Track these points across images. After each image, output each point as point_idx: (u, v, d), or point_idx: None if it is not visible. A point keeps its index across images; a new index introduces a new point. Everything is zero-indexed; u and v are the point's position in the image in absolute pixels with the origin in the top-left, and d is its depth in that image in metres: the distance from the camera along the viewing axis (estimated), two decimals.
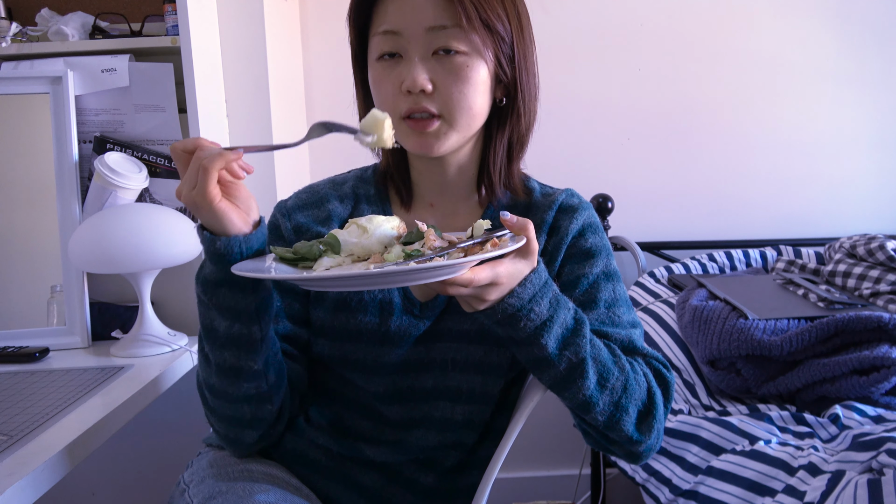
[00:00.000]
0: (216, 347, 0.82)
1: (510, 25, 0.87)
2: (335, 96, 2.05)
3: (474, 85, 0.86)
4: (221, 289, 0.78)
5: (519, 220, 0.74)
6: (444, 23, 0.83)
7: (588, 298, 0.91)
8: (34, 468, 0.89)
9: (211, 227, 0.76)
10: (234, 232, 0.75)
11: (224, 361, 0.82)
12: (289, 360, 0.94)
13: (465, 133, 0.89)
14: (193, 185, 0.72)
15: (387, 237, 0.76)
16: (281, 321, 0.94)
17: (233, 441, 0.92)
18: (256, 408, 0.86)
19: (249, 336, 0.80)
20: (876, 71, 2.11)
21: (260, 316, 0.81)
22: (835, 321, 1.46)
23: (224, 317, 0.80)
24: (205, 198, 0.72)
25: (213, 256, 0.76)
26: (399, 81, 0.86)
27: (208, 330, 0.82)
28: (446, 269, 0.66)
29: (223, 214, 0.74)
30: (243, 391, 0.84)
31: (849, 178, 2.15)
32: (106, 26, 1.57)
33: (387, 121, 0.76)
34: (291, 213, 0.97)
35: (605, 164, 2.11)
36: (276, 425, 0.93)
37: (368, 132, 0.77)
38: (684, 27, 2.07)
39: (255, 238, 0.78)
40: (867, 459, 1.12)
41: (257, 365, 0.83)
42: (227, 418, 0.88)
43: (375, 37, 0.88)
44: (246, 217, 0.77)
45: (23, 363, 1.37)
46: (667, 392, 0.88)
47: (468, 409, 0.94)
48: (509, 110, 0.93)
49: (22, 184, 1.53)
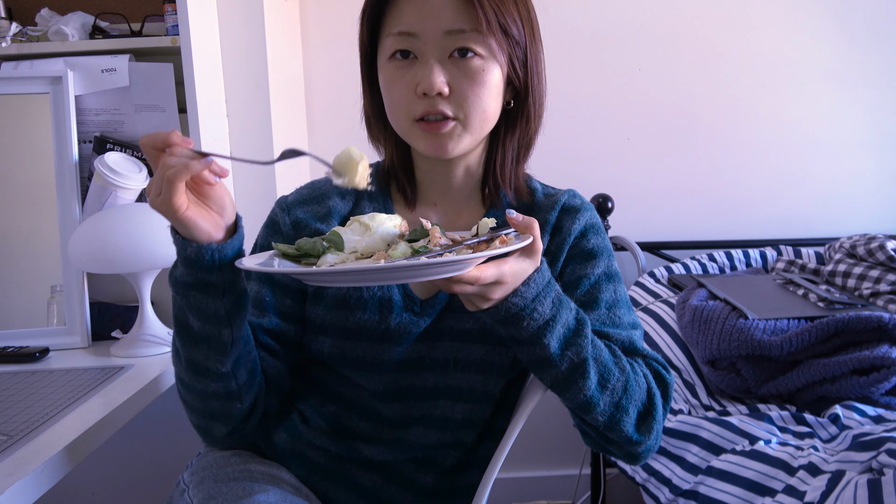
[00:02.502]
0: (187, 344, 0.81)
1: (524, 29, 0.88)
2: (335, 96, 2.05)
3: (489, 88, 0.86)
4: (192, 291, 0.77)
5: (525, 219, 0.74)
6: (462, 26, 0.83)
7: (589, 299, 0.91)
8: (34, 468, 0.89)
9: (181, 233, 0.75)
10: (203, 239, 0.74)
11: (193, 359, 0.82)
12: (272, 357, 0.93)
13: (477, 136, 0.89)
14: (159, 193, 0.70)
15: (389, 235, 0.76)
16: (269, 316, 0.93)
17: (204, 431, 0.92)
18: (225, 405, 0.86)
19: (219, 338, 0.79)
20: (876, 71, 2.11)
21: (231, 320, 0.79)
22: (835, 321, 1.46)
23: (196, 317, 0.79)
24: (170, 208, 0.70)
25: (185, 261, 0.75)
26: (414, 83, 0.85)
27: (181, 325, 0.81)
28: (457, 264, 0.66)
29: (191, 223, 0.72)
30: (211, 389, 0.84)
31: (849, 178, 2.15)
32: (106, 26, 1.57)
33: (362, 163, 0.75)
34: (291, 208, 0.97)
35: (605, 164, 2.11)
36: (248, 421, 0.92)
37: (341, 173, 0.75)
38: (684, 27, 2.07)
39: (230, 246, 0.76)
40: (867, 459, 1.12)
41: (225, 367, 0.82)
42: (198, 410, 0.88)
43: (389, 37, 0.87)
44: (218, 221, 0.75)
45: (23, 363, 1.37)
46: (666, 393, 0.88)
47: (468, 409, 0.94)
48: (518, 113, 0.93)
49: (22, 184, 1.53)
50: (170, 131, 0.72)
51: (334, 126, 2.07)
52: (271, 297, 0.93)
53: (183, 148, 0.71)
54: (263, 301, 0.93)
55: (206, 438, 0.94)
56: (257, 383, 0.89)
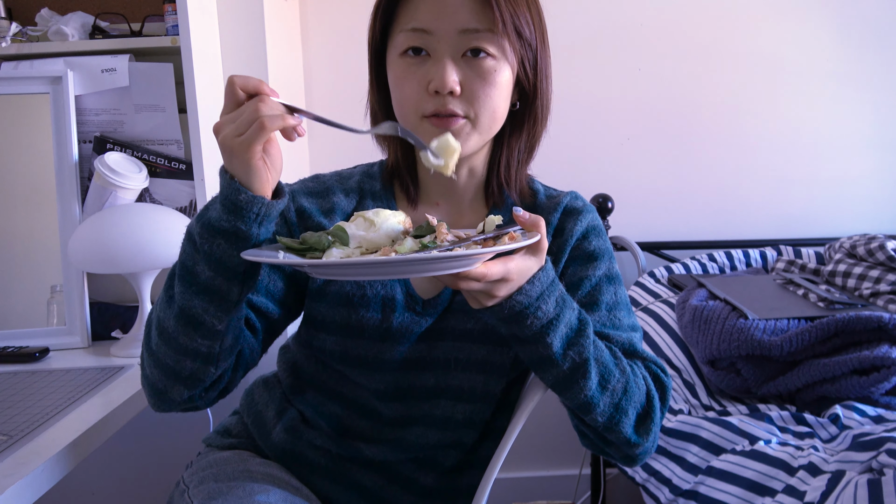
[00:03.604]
0: (188, 292, 0.78)
1: (536, 32, 0.88)
2: (335, 96, 2.05)
3: (499, 89, 0.86)
4: (219, 238, 0.74)
5: (532, 217, 0.74)
6: (477, 26, 0.83)
7: (590, 301, 0.91)
8: (34, 468, 0.89)
9: (237, 177, 0.72)
10: (258, 191, 0.73)
11: (190, 309, 0.78)
12: (250, 332, 0.91)
13: (486, 136, 0.89)
14: (240, 134, 0.69)
15: (394, 231, 0.75)
16: (258, 293, 0.91)
17: (159, 392, 0.85)
18: (199, 367, 0.82)
19: (227, 293, 0.77)
20: (876, 71, 2.11)
21: (245, 278, 0.77)
22: (835, 321, 1.46)
23: (210, 266, 0.76)
24: (247, 152, 0.69)
25: (230, 205, 0.73)
26: (426, 81, 0.85)
27: (188, 272, 0.77)
28: (467, 259, 0.66)
29: (256, 172, 0.71)
30: (195, 345, 0.80)
31: (849, 178, 2.15)
32: (106, 26, 1.57)
33: (458, 152, 0.79)
34: (296, 195, 0.96)
35: (605, 164, 2.11)
36: (210, 391, 0.88)
37: (440, 155, 0.79)
38: (684, 27, 2.07)
39: (277, 206, 0.75)
40: (867, 459, 1.12)
41: (220, 325, 0.79)
42: (165, 367, 0.82)
43: (402, 33, 0.86)
44: (270, 179, 0.74)
45: (23, 363, 1.37)
46: (664, 396, 0.88)
47: (469, 409, 0.94)
48: (525, 115, 0.93)
49: (22, 184, 1.53)
50: (258, 80, 0.71)
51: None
52: (265, 277, 0.92)
53: (273, 100, 0.70)
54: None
55: (157, 401, 0.87)
56: (235, 353, 0.86)
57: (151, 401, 0.88)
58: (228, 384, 0.90)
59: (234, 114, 0.70)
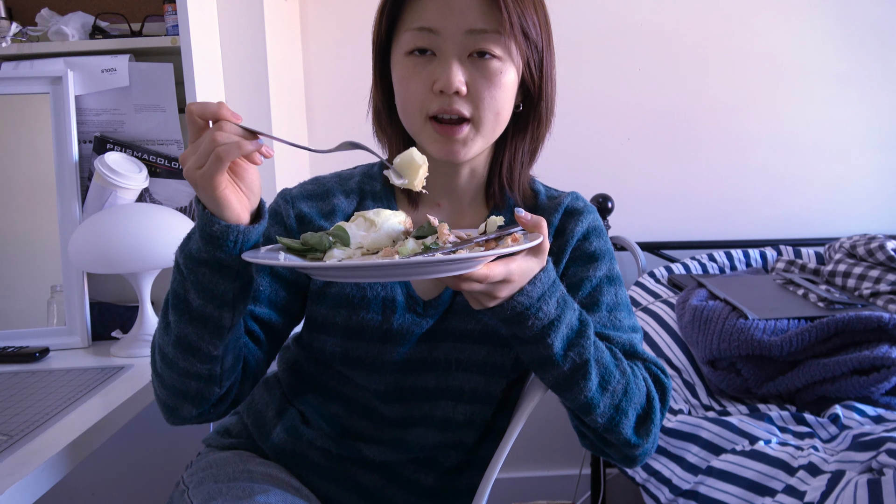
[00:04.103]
0: (182, 320, 0.78)
1: (542, 33, 0.88)
2: (335, 96, 2.05)
3: (504, 90, 0.86)
4: (203, 268, 0.74)
5: (534, 218, 0.74)
6: (484, 27, 0.83)
7: (590, 301, 0.91)
8: (34, 468, 0.89)
9: (208, 207, 0.72)
10: (231, 219, 0.72)
11: (185, 336, 0.78)
12: (255, 344, 0.91)
13: (489, 138, 0.89)
14: (201, 166, 0.68)
15: (395, 231, 0.75)
16: (261, 304, 0.91)
17: (171, 410, 0.87)
18: (203, 387, 0.82)
19: (220, 319, 0.77)
20: (876, 71, 2.11)
21: (235, 304, 0.77)
22: (835, 321, 1.46)
23: (199, 295, 0.76)
24: (210, 183, 0.69)
25: (206, 237, 0.72)
26: (431, 80, 0.85)
27: (180, 300, 0.78)
28: (470, 261, 0.66)
29: (224, 202, 0.71)
30: (195, 369, 0.80)
31: (849, 178, 2.15)
32: (106, 26, 1.57)
33: (423, 167, 0.76)
34: (295, 201, 0.96)
35: (605, 164, 2.11)
36: (219, 406, 0.89)
37: (402, 173, 0.77)
38: (684, 27, 2.07)
39: (255, 231, 0.75)
40: (867, 459, 1.12)
41: (217, 350, 0.79)
42: (172, 388, 0.84)
43: (408, 32, 0.86)
44: (246, 204, 0.74)
45: (23, 363, 1.37)
46: (664, 397, 0.88)
47: (469, 409, 0.94)
48: (529, 117, 0.93)
49: (22, 184, 1.53)
50: (218, 103, 0.70)
51: (334, 126, 2.07)
52: (267, 286, 0.92)
53: (233, 125, 0.69)
54: (258, 290, 0.91)
55: (170, 418, 0.89)
56: (239, 370, 0.87)
57: (165, 416, 0.90)
58: (238, 396, 0.91)
59: (195, 145, 0.70)
